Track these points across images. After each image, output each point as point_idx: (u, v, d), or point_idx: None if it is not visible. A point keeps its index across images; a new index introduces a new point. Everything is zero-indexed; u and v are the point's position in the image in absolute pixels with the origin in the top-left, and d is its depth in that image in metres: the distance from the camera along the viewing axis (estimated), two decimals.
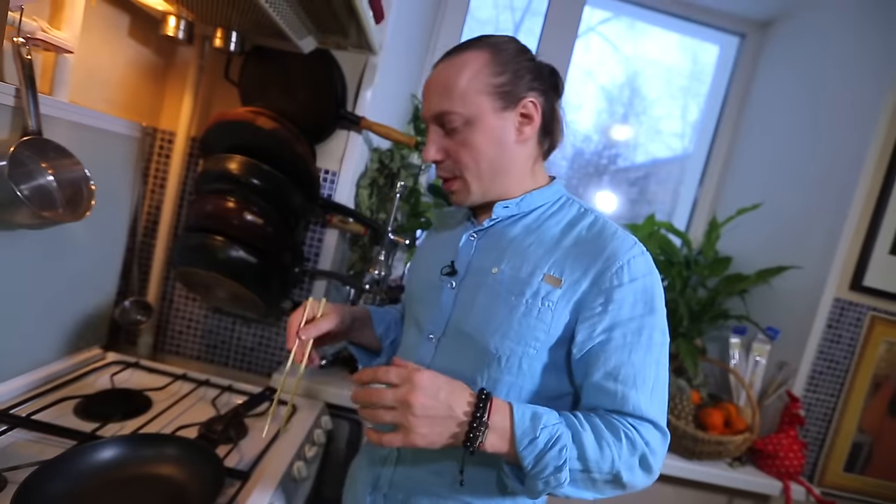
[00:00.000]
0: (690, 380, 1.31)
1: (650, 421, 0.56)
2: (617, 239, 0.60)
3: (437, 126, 0.65)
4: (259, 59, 1.10)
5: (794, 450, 1.19)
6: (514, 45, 0.64)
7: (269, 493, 0.74)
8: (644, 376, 0.57)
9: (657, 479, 1.25)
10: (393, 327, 0.81)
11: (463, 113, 0.61)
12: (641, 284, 0.58)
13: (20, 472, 0.66)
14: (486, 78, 0.61)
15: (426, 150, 0.65)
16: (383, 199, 1.27)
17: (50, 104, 0.81)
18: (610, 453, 0.53)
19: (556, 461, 0.51)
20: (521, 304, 0.59)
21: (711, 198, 1.72)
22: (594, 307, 0.58)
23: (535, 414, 0.54)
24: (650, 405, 0.57)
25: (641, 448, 0.54)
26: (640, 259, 0.59)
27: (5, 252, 0.80)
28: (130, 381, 1.01)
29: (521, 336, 0.59)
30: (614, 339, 0.57)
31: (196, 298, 1.21)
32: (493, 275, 0.62)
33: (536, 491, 0.53)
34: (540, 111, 0.63)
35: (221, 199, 0.98)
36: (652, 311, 0.58)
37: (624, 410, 0.56)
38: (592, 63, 1.75)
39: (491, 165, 0.63)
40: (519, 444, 0.52)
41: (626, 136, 1.82)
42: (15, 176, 0.71)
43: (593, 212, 0.66)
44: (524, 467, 0.52)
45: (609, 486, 0.55)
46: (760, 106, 1.62)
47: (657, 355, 0.58)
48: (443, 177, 0.67)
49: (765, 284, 1.38)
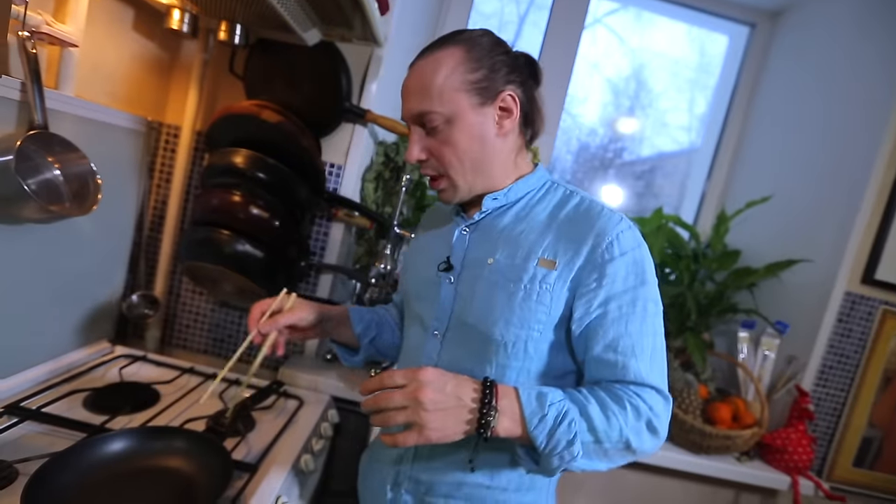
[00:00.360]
0: (698, 374, 1.30)
1: (652, 387, 0.58)
2: (604, 216, 0.62)
3: (417, 126, 0.65)
4: (263, 52, 1.09)
5: (803, 444, 1.19)
6: (488, 39, 0.64)
7: (278, 485, 0.74)
8: (642, 345, 0.59)
9: (663, 474, 1.26)
10: (374, 327, 0.82)
11: (442, 112, 0.62)
12: (632, 257, 0.60)
13: (31, 463, 0.66)
14: (462, 75, 0.61)
15: (409, 151, 0.65)
16: (389, 193, 1.26)
17: (55, 98, 0.81)
18: (617, 422, 0.55)
19: (567, 435, 0.53)
20: (519, 289, 0.61)
21: (720, 191, 1.70)
22: (589, 283, 0.60)
23: (541, 393, 0.55)
24: (650, 372, 0.59)
25: (647, 413, 0.56)
26: (629, 233, 0.61)
27: (14, 246, 0.80)
28: (138, 374, 1.02)
29: (524, 320, 0.61)
30: (610, 312, 0.59)
31: (203, 292, 1.21)
32: (489, 265, 0.64)
33: (552, 468, 0.54)
34: (518, 103, 0.64)
35: (227, 193, 0.98)
36: (644, 283, 0.60)
37: (626, 379, 0.58)
38: (598, 55, 1.73)
39: (474, 161, 0.64)
40: (529, 424, 0.53)
41: (632, 129, 1.80)
42: (22, 170, 0.71)
43: (578, 193, 0.67)
44: (537, 446, 0.53)
45: (620, 454, 0.57)
46: (770, 97, 1.59)
47: (652, 324, 0.60)
48: (428, 175, 0.68)
49: (774, 278, 1.37)
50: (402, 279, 0.81)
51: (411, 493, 0.68)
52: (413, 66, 0.65)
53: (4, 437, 0.72)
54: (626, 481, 1.25)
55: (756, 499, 1.26)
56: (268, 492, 0.72)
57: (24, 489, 0.56)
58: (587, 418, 0.54)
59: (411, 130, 0.66)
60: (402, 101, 0.66)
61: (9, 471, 0.65)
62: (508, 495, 0.65)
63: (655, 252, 1.36)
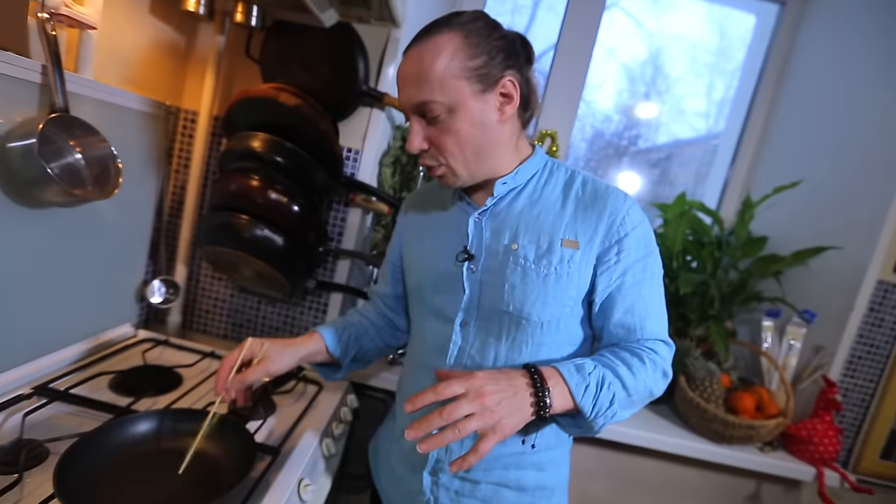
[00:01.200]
0: (720, 363, 1.28)
1: (661, 340, 0.66)
2: (611, 195, 0.66)
3: (417, 116, 0.64)
4: (280, 34, 1.07)
5: (830, 435, 1.16)
6: (483, 23, 0.63)
7: (300, 468, 0.75)
8: (652, 305, 0.67)
9: (682, 462, 1.25)
10: (352, 345, 0.80)
11: (444, 101, 0.61)
12: (640, 230, 0.66)
13: (61, 443, 0.68)
14: (461, 62, 0.60)
15: (410, 142, 0.64)
16: (406, 178, 1.25)
17: (75, 81, 0.80)
18: (642, 377, 0.62)
19: (608, 397, 0.59)
20: (551, 272, 0.64)
21: (744, 177, 1.65)
22: (610, 258, 0.65)
23: (578, 366, 0.60)
24: (660, 327, 0.67)
25: (661, 364, 0.64)
26: (634, 208, 0.66)
27: (39, 230, 0.81)
28: (161, 357, 1.03)
29: (558, 300, 0.64)
30: (627, 282, 0.65)
31: (222, 278, 1.22)
32: (514, 251, 0.65)
33: (597, 428, 0.60)
34: (518, 88, 0.63)
35: (246, 178, 0.98)
36: (650, 252, 0.67)
37: (643, 337, 0.65)
38: (614, 40, 1.68)
39: (476, 149, 0.64)
40: (577, 396, 0.58)
41: (647, 115, 1.75)
42: (44, 153, 0.72)
43: (579, 172, 0.71)
44: (585, 414, 0.58)
45: (643, 402, 0.64)
46: (800, 78, 1.53)
47: (657, 286, 0.68)
48: (427, 164, 0.67)
49: (801, 266, 1.33)
50: (409, 272, 0.78)
51: (450, 474, 0.70)
52: (409, 53, 0.63)
53: (35, 418, 0.74)
54: (641, 468, 1.24)
55: (779, 490, 1.24)
56: (291, 474, 0.73)
57: (56, 468, 0.57)
58: (619, 378, 0.60)
59: (411, 120, 0.64)
60: (400, 89, 0.65)
61: (40, 450, 0.67)
62: (540, 455, 0.70)
63: (678, 239, 1.32)
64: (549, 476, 0.72)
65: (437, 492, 0.71)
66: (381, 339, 0.85)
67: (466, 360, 0.68)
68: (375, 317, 0.86)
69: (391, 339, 0.87)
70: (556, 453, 0.72)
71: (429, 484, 0.72)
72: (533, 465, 0.70)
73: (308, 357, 0.77)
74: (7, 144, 0.70)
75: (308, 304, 1.21)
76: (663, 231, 1.38)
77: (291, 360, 0.73)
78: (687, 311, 1.33)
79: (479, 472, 0.70)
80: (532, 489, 0.71)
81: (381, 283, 0.88)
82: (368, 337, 0.83)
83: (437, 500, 0.72)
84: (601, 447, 1.23)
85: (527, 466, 0.70)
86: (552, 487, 0.73)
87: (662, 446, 1.16)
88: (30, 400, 0.77)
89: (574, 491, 0.76)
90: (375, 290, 0.90)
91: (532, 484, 0.71)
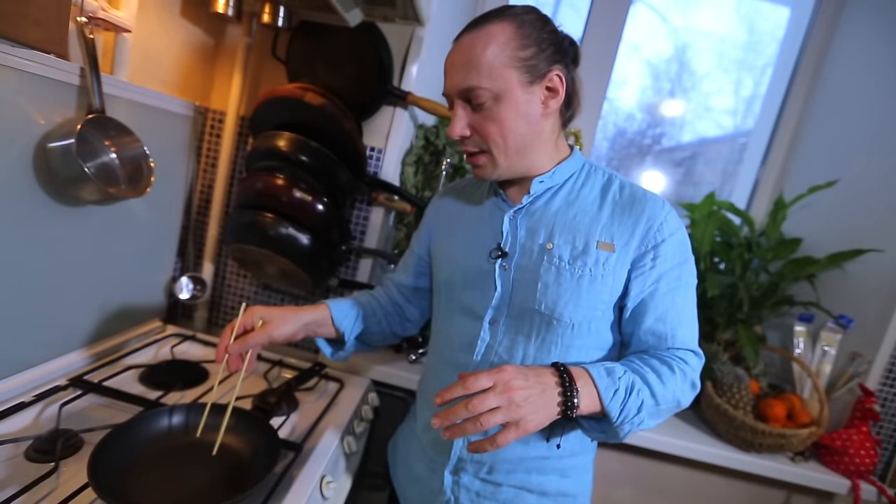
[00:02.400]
0: (749, 368, 1.24)
1: (691, 350, 0.65)
2: (649, 200, 0.66)
3: (462, 101, 0.64)
4: (305, 35, 1.09)
5: (866, 447, 1.11)
6: (536, 16, 0.64)
7: (322, 465, 0.75)
8: (684, 314, 0.66)
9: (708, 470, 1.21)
10: (359, 321, 0.80)
11: (491, 88, 0.61)
12: (677, 237, 0.65)
13: (95, 434, 0.70)
14: (512, 51, 0.61)
15: (452, 127, 0.64)
16: (429, 177, 1.25)
17: (111, 83, 0.83)
18: (672, 386, 0.61)
19: (636, 403, 0.58)
20: (585, 273, 0.63)
21: (776, 177, 1.60)
22: (645, 263, 0.64)
23: (608, 369, 0.59)
24: (691, 337, 0.66)
25: (690, 374, 0.63)
26: (672, 215, 0.66)
27: (75, 227, 0.83)
28: (188, 352, 1.06)
29: (591, 302, 0.64)
30: (660, 288, 0.64)
31: (247, 275, 1.24)
32: (549, 251, 0.65)
33: (623, 434, 0.59)
34: (564, 84, 0.64)
35: (271, 177, 0.99)
36: (686, 260, 0.66)
37: (674, 346, 0.64)
38: (639, 36, 1.64)
39: (518, 140, 0.64)
40: (605, 399, 0.57)
41: (672, 113, 1.70)
42: (81, 153, 0.74)
43: (616, 175, 0.70)
44: (612, 418, 0.57)
45: (670, 412, 0.63)
46: (837, 73, 1.47)
47: (691, 295, 0.67)
48: (469, 151, 0.67)
49: (837, 269, 1.28)
50: (439, 267, 0.77)
51: (472, 474, 0.70)
52: (459, 40, 0.63)
53: (70, 409, 0.76)
54: (666, 475, 1.21)
55: (810, 502, 1.20)
56: (313, 471, 0.73)
57: (91, 457, 0.59)
58: (648, 385, 0.59)
59: (455, 105, 0.64)
60: (447, 75, 0.65)
61: (75, 439, 0.69)
62: (564, 461, 0.70)
63: (706, 240, 1.29)
64: (571, 483, 0.71)
65: (458, 492, 0.71)
66: (388, 324, 0.84)
67: (494, 357, 0.68)
68: (386, 301, 0.85)
69: (398, 326, 0.86)
70: (580, 460, 0.72)
71: (450, 483, 0.71)
72: (556, 471, 0.70)
73: (311, 325, 0.75)
74: (48, 144, 0.73)
75: None
76: (690, 232, 1.35)
77: (294, 327, 0.72)
78: (714, 314, 1.29)
79: (502, 475, 0.69)
80: (554, 494, 0.70)
81: (400, 272, 0.87)
82: (376, 319, 0.82)
83: (458, 500, 0.71)
84: (625, 452, 1.20)
85: (549, 471, 0.69)
86: (574, 495, 0.72)
87: (688, 453, 1.13)
88: (66, 391, 0.80)
89: (597, 496, 0.75)
90: (392, 277, 0.89)
91: (554, 489, 0.70)
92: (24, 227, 0.74)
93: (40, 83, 0.71)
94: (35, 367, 0.82)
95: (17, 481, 0.60)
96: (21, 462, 0.64)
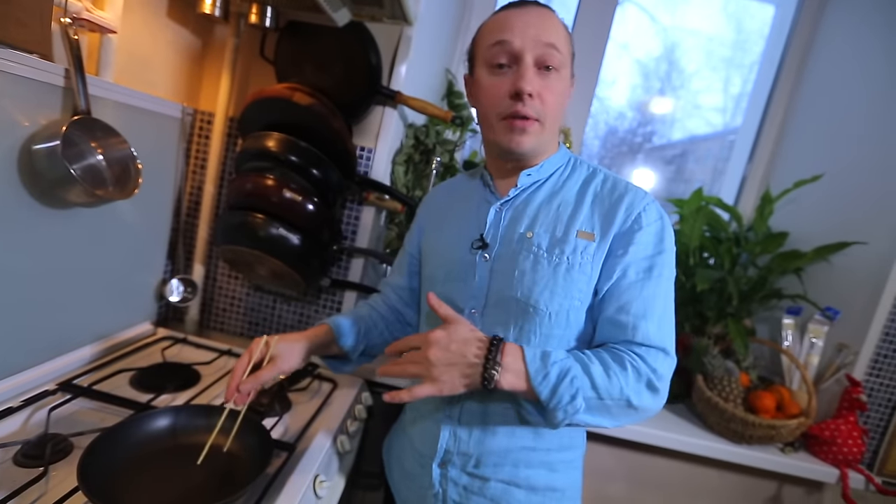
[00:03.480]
0: (739, 361, 1.25)
1: (659, 348, 0.61)
2: (631, 191, 0.67)
3: (534, 59, 0.64)
4: (293, 35, 1.09)
5: (854, 436, 1.13)
6: None
7: (315, 464, 0.75)
8: (653, 308, 0.62)
9: (700, 462, 1.22)
10: (362, 337, 0.80)
11: (563, 54, 0.64)
12: (654, 227, 0.65)
13: (84, 437, 0.69)
14: (569, 37, 0.67)
15: (526, 81, 0.62)
16: (419, 176, 1.25)
17: (97, 85, 0.82)
18: (618, 381, 0.58)
19: (570, 391, 0.57)
20: (563, 262, 0.64)
21: (762, 172, 1.62)
22: (618, 251, 0.64)
23: (545, 353, 0.59)
24: (658, 333, 0.62)
25: (647, 374, 0.59)
26: (653, 206, 0.66)
27: (63, 230, 0.83)
28: (180, 355, 1.05)
29: (568, 291, 0.64)
30: (628, 276, 0.63)
31: (238, 277, 1.24)
32: (529, 239, 0.66)
33: (556, 421, 0.58)
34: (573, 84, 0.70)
35: (261, 177, 0.99)
36: (661, 251, 0.64)
37: (635, 340, 0.61)
38: (628, 35, 1.65)
39: (558, 117, 0.68)
40: (533, 380, 0.57)
41: (662, 111, 1.72)
42: (67, 155, 0.73)
43: (600, 169, 0.72)
44: (542, 401, 0.57)
45: (623, 412, 0.60)
46: (820, 70, 1.49)
47: (665, 288, 0.64)
48: (526, 114, 0.63)
49: (823, 262, 1.30)
50: (426, 262, 0.78)
51: (459, 468, 0.70)
52: (526, 7, 0.65)
53: (60, 413, 0.76)
54: (658, 468, 1.22)
55: (800, 491, 1.22)
56: (306, 471, 0.73)
57: (80, 461, 0.58)
58: (589, 376, 0.58)
59: (524, 64, 0.62)
60: (515, 31, 0.63)
61: (65, 444, 0.68)
62: (552, 455, 0.70)
63: (695, 235, 1.30)
64: (560, 477, 0.71)
65: (447, 486, 0.71)
66: (390, 332, 0.85)
67: None
68: (385, 310, 0.86)
69: (399, 332, 0.87)
70: (568, 455, 0.72)
71: (438, 477, 0.71)
72: (544, 465, 0.70)
73: (317, 352, 0.77)
74: (33, 147, 0.72)
75: (322, 302, 1.22)
76: (679, 227, 1.36)
77: (300, 358, 0.73)
78: (704, 308, 1.31)
79: (489, 469, 0.69)
80: (543, 489, 0.70)
81: (395, 274, 0.88)
82: (378, 331, 0.83)
83: (446, 493, 0.71)
84: (617, 446, 1.21)
85: (537, 465, 0.69)
86: (563, 489, 0.72)
87: (680, 446, 1.14)
88: (55, 395, 0.80)
89: (589, 491, 0.75)
90: (388, 281, 0.89)
91: (542, 484, 0.70)
92: (9, 230, 0.73)
93: (24, 85, 0.71)
94: (23, 371, 0.81)
95: (6, 486, 0.59)
96: (9, 467, 0.63)
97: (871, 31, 1.36)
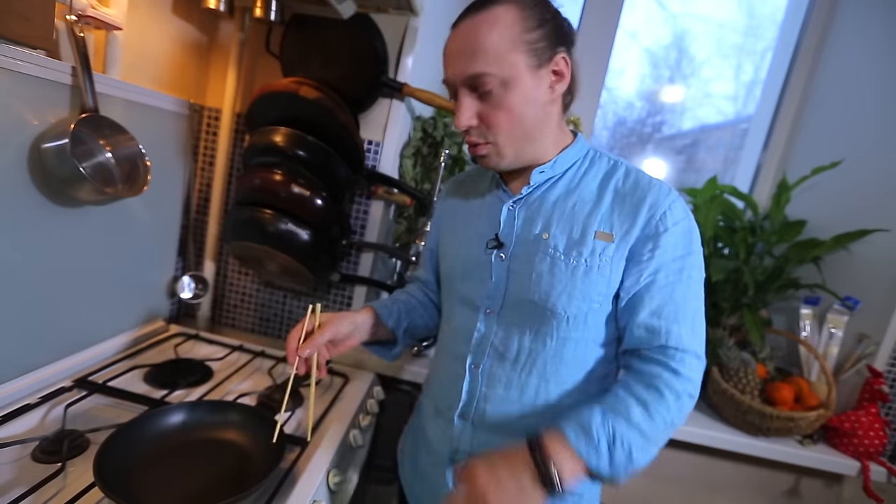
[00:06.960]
0: (755, 353, 1.23)
1: (692, 352, 0.60)
2: (654, 187, 0.63)
3: (468, 90, 0.61)
4: (298, 28, 1.08)
5: (875, 428, 1.10)
6: None
7: (328, 459, 0.75)
8: (685, 311, 0.60)
9: (716, 455, 1.20)
10: (404, 316, 0.81)
11: (498, 74, 0.58)
12: (682, 227, 0.61)
13: (100, 433, 0.70)
14: (519, 34, 0.58)
15: (459, 117, 0.61)
16: (428, 169, 1.24)
17: (104, 82, 0.82)
18: (660, 416, 0.56)
19: (624, 453, 0.54)
20: (581, 264, 0.61)
21: (778, 160, 1.58)
22: (643, 254, 0.61)
23: (584, 426, 0.55)
24: (692, 337, 0.60)
25: (684, 390, 0.58)
26: (678, 204, 0.62)
27: (75, 228, 0.83)
28: (192, 351, 1.06)
29: (586, 294, 0.61)
30: (658, 280, 0.60)
31: (249, 273, 1.24)
32: (545, 241, 0.63)
33: (621, 480, 0.56)
34: (570, 67, 0.62)
35: (269, 173, 0.98)
36: (690, 252, 0.62)
37: (668, 345, 0.59)
38: (637, 24, 1.62)
39: (527, 128, 0.62)
40: (589, 463, 0.54)
41: (672, 100, 1.69)
42: (76, 153, 0.73)
43: (622, 162, 0.67)
44: (603, 476, 0.55)
45: (666, 436, 0.59)
46: (838, 54, 1.45)
47: (695, 290, 0.62)
48: (473, 142, 0.64)
49: (842, 250, 1.26)
50: (443, 256, 0.78)
51: None
52: (459, 26, 0.61)
53: (76, 409, 0.76)
54: (675, 461, 1.20)
55: (819, 484, 1.19)
56: (319, 465, 0.73)
57: (96, 457, 0.59)
58: (633, 425, 0.55)
59: (460, 94, 0.61)
60: (448, 63, 0.62)
61: (81, 440, 0.69)
62: None
63: (709, 224, 1.28)
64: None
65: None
66: (430, 317, 0.85)
67: (489, 349, 0.67)
68: (421, 296, 0.86)
69: (437, 318, 0.86)
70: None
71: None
72: None
73: (362, 324, 0.76)
74: (42, 145, 0.72)
75: (332, 297, 1.22)
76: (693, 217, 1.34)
77: (348, 326, 0.74)
78: (719, 299, 1.28)
79: None
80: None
81: (421, 269, 0.89)
82: (418, 313, 0.83)
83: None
84: None
85: None
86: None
87: (696, 439, 1.13)
88: (71, 392, 0.80)
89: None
90: (418, 275, 0.90)
91: None
92: (23, 230, 0.74)
93: (32, 83, 0.71)
94: (39, 369, 0.82)
95: (25, 482, 0.60)
96: (28, 463, 0.64)
97: (890, 14, 1.31)
